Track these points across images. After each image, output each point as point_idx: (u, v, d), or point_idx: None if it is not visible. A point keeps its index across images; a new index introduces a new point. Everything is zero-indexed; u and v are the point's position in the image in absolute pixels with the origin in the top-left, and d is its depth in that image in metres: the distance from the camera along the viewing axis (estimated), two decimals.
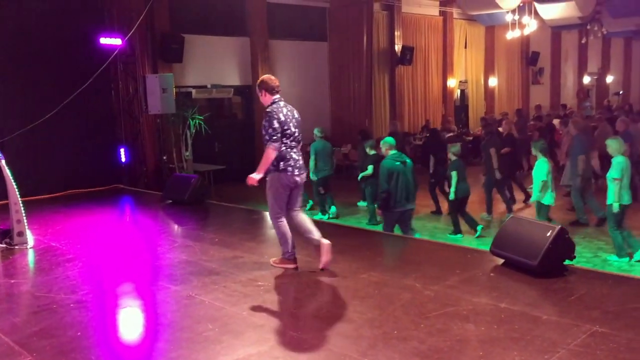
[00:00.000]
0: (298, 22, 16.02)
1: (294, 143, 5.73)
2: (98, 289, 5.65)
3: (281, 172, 5.63)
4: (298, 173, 5.72)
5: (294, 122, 5.76)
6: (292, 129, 5.69)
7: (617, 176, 7.48)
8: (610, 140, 7.88)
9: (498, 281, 5.54)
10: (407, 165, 7.80)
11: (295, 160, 5.70)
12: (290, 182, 5.68)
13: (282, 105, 5.73)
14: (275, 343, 4.22)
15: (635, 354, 3.86)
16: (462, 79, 20.90)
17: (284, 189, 5.69)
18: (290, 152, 5.67)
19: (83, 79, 10.34)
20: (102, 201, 10.23)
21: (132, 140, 11.97)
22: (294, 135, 5.72)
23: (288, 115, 5.71)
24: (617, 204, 7.52)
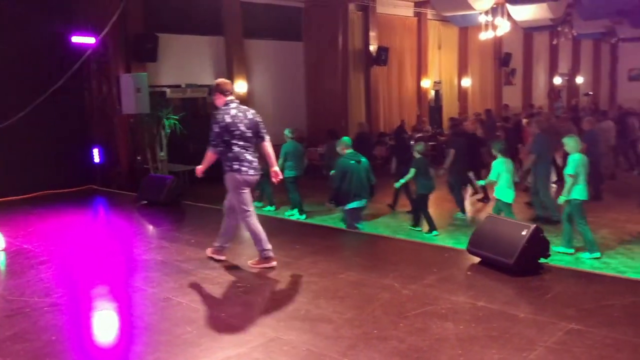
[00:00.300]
0: (273, 21, 15.96)
1: (248, 144, 5.80)
2: (72, 292, 5.55)
3: (235, 172, 5.75)
4: (253, 173, 5.82)
5: (246, 123, 5.79)
6: (241, 129, 5.74)
7: (572, 172, 7.71)
8: (567, 139, 8.10)
9: (475, 280, 5.59)
10: (362, 164, 8.10)
11: (250, 161, 5.80)
12: (244, 181, 5.78)
13: (233, 107, 5.81)
14: (254, 345, 4.19)
15: (610, 350, 3.93)
16: (436, 79, 21.04)
17: (240, 188, 5.80)
18: (243, 153, 5.76)
19: (56, 79, 10.16)
20: (76, 202, 10.07)
21: (105, 140, 11.79)
22: (245, 136, 5.77)
23: (238, 116, 5.77)
24: (564, 198, 7.77)
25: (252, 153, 5.86)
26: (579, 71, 28.36)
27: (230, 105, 5.83)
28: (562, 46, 25.83)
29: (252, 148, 5.88)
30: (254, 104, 15.29)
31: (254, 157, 5.87)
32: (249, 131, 5.81)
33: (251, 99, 15.21)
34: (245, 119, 5.82)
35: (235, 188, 5.81)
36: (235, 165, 5.74)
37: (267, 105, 15.79)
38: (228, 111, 5.77)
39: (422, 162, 9.29)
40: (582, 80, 28.52)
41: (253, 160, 5.84)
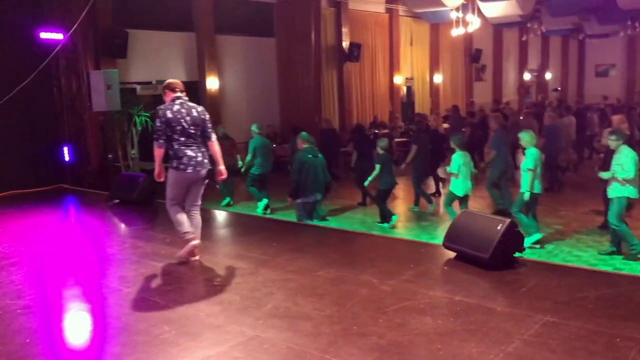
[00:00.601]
0: (245, 17, 15.84)
1: (189, 140, 5.80)
2: (46, 293, 5.45)
3: (174, 169, 5.82)
4: (192, 170, 5.81)
5: (189, 120, 5.79)
6: (183, 126, 5.76)
7: (531, 167, 7.83)
8: (523, 134, 8.25)
9: (452, 274, 5.65)
10: (319, 159, 8.46)
11: (191, 157, 5.79)
12: (182, 178, 5.84)
13: (177, 104, 5.81)
14: (234, 343, 4.17)
15: (585, 342, 4.01)
16: (409, 75, 21.16)
17: (177, 185, 5.90)
18: (184, 150, 5.77)
19: (23, 76, 9.93)
20: (46, 202, 9.87)
21: (76, 138, 11.58)
22: (187, 132, 5.77)
23: (181, 112, 5.77)
24: (528, 192, 7.87)
25: (195, 149, 5.85)
26: (548, 67, 28.81)
27: (174, 102, 5.84)
28: (531, 42, 26.20)
29: (196, 144, 5.88)
30: (226, 100, 15.22)
31: (196, 153, 5.85)
32: (193, 127, 5.81)
33: (223, 95, 15.11)
34: (188, 115, 5.80)
35: (172, 184, 5.92)
36: (174, 163, 5.81)
37: (240, 102, 15.71)
38: (170, 107, 5.80)
39: (386, 158, 9.48)
40: (551, 76, 28.98)
41: (194, 156, 5.82)
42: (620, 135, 7.47)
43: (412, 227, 9.71)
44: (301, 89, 16.44)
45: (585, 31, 22.51)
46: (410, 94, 21.66)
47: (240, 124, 14.54)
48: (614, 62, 29.77)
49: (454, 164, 8.73)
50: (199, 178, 5.94)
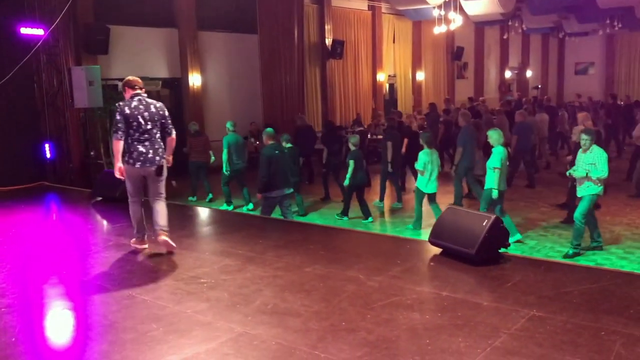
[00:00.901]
0: (228, 13, 15.80)
1: (144, 136, 5.98)
2: (30, 292, 5.39)
3: (125, 162, 6.02)
4: (140, 166, 6.00)
5: (146, 116, 5.97)
6: (140, 122, 5.94)
7: (497, 165, 7.93)
8: (491, 132, 8.34)
9: (438, 270, 5.69)
10: (285, 154, 8.80)
11: (141, 152, 5.98)
12: (132, 172, 6.06)
13: (136, 100, 6.00)
14: (223, 340, 4.16)
15: (571, 335, 4.06)
16: (391, 73, 21.27)
17: (128, 178, 6.12)
18: (136, 146, 5.96)
19: (3, 71, 9.80)
20: (27, 199, 9.75)
21: (57, 135, 11.46)
22: (142, 128, 5.95)
23: (139, 108, 5.96)
24: (496, 191, 7.96)
25: (148, 145, 6.01)
26: (529, 65, 29.12)
27: (133, 99, 6.02)
28: (512, 41, 26.47)
29: (150, 141, 6.04)
30: (209, 97, 15.17)
31: (148, 150, 6.01)
32: (150, 123, 5.99)
33: (205, 92, 15.06)
34: (146, 112, 5.99)
35: (126, 178, 6.14)
36: (125, 157, 6.01)
37: (223, 98, 15.66)
38: (128, 103, 5.99)
39: (357, 154, 9.62)
40: (532, 73, 29.29)
41: (145, 152, 6.00)
42: (593, 135, 7.56)
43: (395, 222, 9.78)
44: (284, 85, 16.44)
45: (565, 30, 22.75)
46: (393, 91, 21.77)
47: (223, 121, 14.42)
48: (592, 61, 30.20)
49: (420, 161, 8.89)
50: (151, 173, 6.10)
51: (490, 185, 8.02)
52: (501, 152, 8.00)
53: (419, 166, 8.89)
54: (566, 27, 22.08)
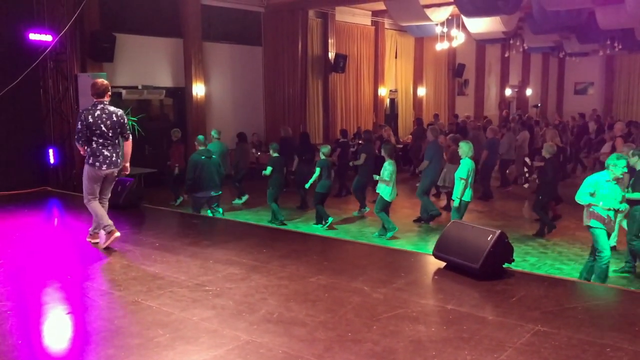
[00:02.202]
0: (233, 25, 15.91)
1: (107, 142, 6.55)
2: (34, 296, 5.39)
3: (90, 165, 6.58)
4: (106, 168, 6.60)
5: (108, 124, 6.51)
6: (102, 129, 6.48)
7: (464, 176, 8.33)
8: (462, 143, 8.76)
9: (442, 284, 5.72)
10: (212, 159, 9.62)
11: (106, 156, 6.56)
12: (97, 175, 6.60)
13: (98, 109, 6.51)
14: (230, 347, 4.18)
15: (576, 351, 4.09)
16: (393, 88, 21.37)
17: (92, 180, 6.64)
18: (101, 149, 6.52)
19: (11, 76, 9.84)
20: (30, 204, 9.75)
21: (61, 141, 11.47)
22: (105, 134, 6.51)
23: (101, 117, 6.49)
24: (458, 200, 8.38)
25: (111, 149, 6.61)
26: (529, 83, 29.27)
27: (96, 106, 6.51)
28: (513, 59, 26.62)
29: (114, 145, 6.65)
30: (212, 107, 15.23)
31: (111, 153, 6.61)
32: (110, 131, 6.55)
33: (209, 102, 15.12)
34: (108, 120, 6.51)
35: (87, 179, 6.66)
36: (91, 160, 6.55)
37: (225, 109, 15.73)
38: (90, 111, 6.48)
39: (326, 163, 10.14)
40: (532, 92, 29.44)
41: (109, 156, 6.59)
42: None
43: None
44: (287, 98, 16.52)
45: (565, 49, 22.87)
46: (394, 106, 21.86)
47: (226, 131, 14.52)
48: (592, 81, 30.37)
49: (387, 171, 9.21)
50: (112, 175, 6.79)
51: (456, 195, 8.41)
52: (468, 164, 8.39)
53: (385, 176, 9.20)
54: (567, 47, 22.20)
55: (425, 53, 22.01)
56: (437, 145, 10.82)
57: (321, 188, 10.08)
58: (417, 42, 21.79)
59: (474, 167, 8.61)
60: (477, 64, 25.36)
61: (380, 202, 9.40)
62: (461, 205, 8.48)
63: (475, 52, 24.81)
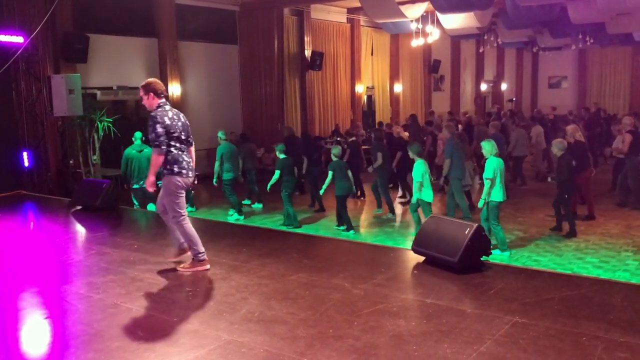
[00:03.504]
0: (208, 24, 15.84)
1: (184, 146, 5.81)
2: (14, 301, 5.31)
3: (176, 174, 5.71)
4: (192, 175, 5.87)
5: (180, 126, 5.78)
6: (179, 132, 5.74)
7: (490, 175, 7.98)
8: (484, 142, 8.39)
9: (422, 278, 5.76)
10: (143, 153, 10.04)
11: (188, 162, 5.83)
12: (185, 184, 5.81)
13: (168, 109, 5.75)
14: (211, 348, 4.17)
15: (554, 341, 4.16)
16: (369, 84, 21.45)
17: (180, 191, 5.80)
18: (182, 155, 5.76)
19: None
20: (5, 208, 9.61)
21: (35, 143, 11.32)
22: (182, 138, 5.78)
23: (174, 119, 5.73)
24: (483, 200, 8.07)
25: (188, 155, 5.88)
26: (503, 78, 29.59)
27: (165, 107, 5.75)
28: (488, 54, 26.88)
29: (189, 150, 5.93)
30: (189, 107, 15.13)
31: (190, 159, 5.89)
32: (184, 134, 5.84)
33: (185, 101, 15.03)
34: (179, 121, 5.80)
35: (174, 191, 5.76)
36: (175, 168, 5.72)
37: (202, 108, 15.64)
38: (165, 112, 5.69)
39: (339, 164, 9.54)
40: (506, 86, 29.77)
41: (190, 162, 5.88)
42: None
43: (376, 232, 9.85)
44: (264, 96, 16.50)
45: (538, 44, 23.17)
46: (371, 103, 21.95)
47: (203, 131, 14.49)
48: (565, 74, 30.79)
49: (419, 172, 8.74)
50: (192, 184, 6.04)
51: (483, 198, 8.09)
52: (494, 163, 8.01)
53: (417, 177, 8.69)
54: (540, 42, 22.49)
55: (401, 49, 22.11)
56: (455, 143, 10.22)
57: (340, 190, 9.53)
58: (392, 38, 21.88)
59: (502, 165, 8.18)
60: (453, 60, 25.57)
61: (425, 207, 8.80)
62: (490, 206, 8.07)
63: (450, 48, 25.01)
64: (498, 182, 8.07)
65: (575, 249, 8.52)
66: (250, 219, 10.76)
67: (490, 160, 8.11)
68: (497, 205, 8.14)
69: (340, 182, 9.50)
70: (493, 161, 8.08)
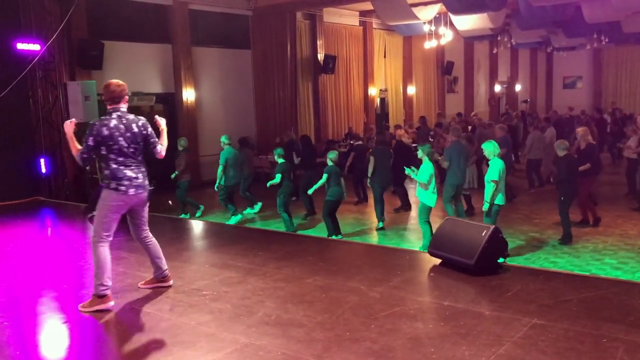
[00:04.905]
0: (221, 29, 15.90)
1: (130, 159, 5.12)
2: (31, 306, 5.37)
3: (112, 190, 5.09)
4: (134, 192, 5.14)
5: (129, 137, 5.08)
6: (121, 144, 5.05)
7: (495, 178, 7.57)
8: (485, 144, 8.03)
9: (438, 280, 5.74)
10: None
11: (130, 177, 5.12)
12: (121, 201, 5.11)
13: (114, 118, 5.09)
14: (229, 351, 4.18)
15: (573, 343, 4.12)
16: (382, 87, 21.42)
17: (112, 209, 5.12)
18: (124, 170, 5.09)
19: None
20: (23, 214, 9.73)
21: (52, 150, 11.44)
22: (126, 151, 5.08)
23: (118, 129, 5.04)
24: (487, 204, 7.65)
25: (134, 169, 5.16)
26: (517, 79, 29.40)
27: (111, 115, 5.12)
28: (501, 55, 26.74)
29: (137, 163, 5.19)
30: (203, 112, 15.23)
31: (136, 174, 5.18)
32: (131, 145, 5.11)
33: (199, 107, 15.11)
34: (128, 132, 5.09)
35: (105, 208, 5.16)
36: (112, 184, 5.11)
37: (216, 113, 15.72)
38: (106, 122, 5.07)
39: (334, 169, 9.15)
40: (521, 87, 29.58)
41: (135, 177, 5.16)
42: None
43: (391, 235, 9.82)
44: (277, 100, 16.53)
45: (553, 44, 23.01)
46: (384, 106, 21.91)
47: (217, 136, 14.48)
48: (580, 74, 30.54)
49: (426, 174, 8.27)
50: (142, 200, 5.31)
51: (485, 199, 7.76)
52: (498, 165, 7.68)
53: (424, 179, 8.23)
54: (554, 42, 22.35)
55: (414, 52, 22.07)
56: (458, 146, 9.87)
57: (331, 196, 9.08)
58: (405, 41, 21.85)
59: (504, 167, 7.81)
60: (466, 61, 25.45)
61: (424, 211, 8.34)
62: (492, 210, 7.69)
63: (463, 49, 24.90)
64: (502, 185, 7.75)
65: (593, 250, 8.43)
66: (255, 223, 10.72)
67: (494, 161, 7.74)
68: (498, 208, 7.74)
69: (332, 188, 9.10)
70: (497, 163, 7.68)
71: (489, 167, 7.92)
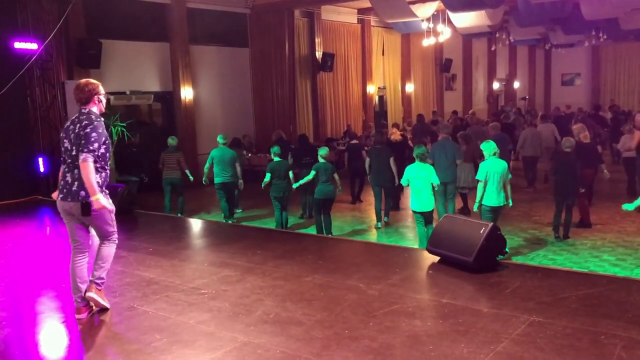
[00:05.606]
0: (219, 27, 15.87)
1: (69, 161, 4.72)
2: (30, 305, 5.38)
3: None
4: (61, 199, 4.73)
5: (72, 138, 4.66)
6: (65, 145, 4.74)
7: (481, 178, 7.46)
8: (483, 144, 7.90)
9: (437, 278, 5.75)
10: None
11: (65, 182, 4.71)
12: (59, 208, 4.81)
13: (70, 120, 4.81)
14: (228, 349, 4.18)
15: (572, 340, 4.13)
16: (381, 85, 21.40)
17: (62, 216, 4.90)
18: (65, 173, 4.74)
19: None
20: (22, 213, 9.73)
21: (50, 149, 11.42)
22: (68, 152, 4.71)
23: (67, 129, 4.73)
24: (476, 204, 7.54)
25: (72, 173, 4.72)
26: (516, 76, 29.39)
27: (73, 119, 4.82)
28: (500, 52, 26.73)
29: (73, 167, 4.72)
30: (201, 110, 15.21)
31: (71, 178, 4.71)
32: (70, 146, 4.71)
33: (197, 105, 15.09)
34: (71, 132, 4.70)
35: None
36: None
37: (215, 111, 15.70)
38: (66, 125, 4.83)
39: (323, 166, 8.92)
40: (519, 85, 29.57)
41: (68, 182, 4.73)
42: None
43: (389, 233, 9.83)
44: (275, 98, 16.52)
45: (551, 41, 23.01)
46: (383, 103, 21.90)
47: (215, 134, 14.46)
48: (579, 71, 30.53)
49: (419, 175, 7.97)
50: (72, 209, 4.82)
51: (477, 201, 7.57)
52: (486, 166, 7.49)
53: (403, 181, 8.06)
54: (552, 39, 22.34)
55: (412, 49, 22.05)
56: (446, 144, 9.77)
57: (318, 194, 8.89)
58: (403, 38, 21.83)
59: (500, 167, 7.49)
60: (464, 59, 25.44)
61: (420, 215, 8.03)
62: (482, 210, 7.51)
63: (461, 46, 24.89)
64: (492, 185, 7.49)
65: (592, 247, 8.45)
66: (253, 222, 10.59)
67: (485, 161, 7.63)
68: (488, 209, 7.50)
69: (321, 186, 8.87)
70: (486, 163, 7.55)
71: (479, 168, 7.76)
